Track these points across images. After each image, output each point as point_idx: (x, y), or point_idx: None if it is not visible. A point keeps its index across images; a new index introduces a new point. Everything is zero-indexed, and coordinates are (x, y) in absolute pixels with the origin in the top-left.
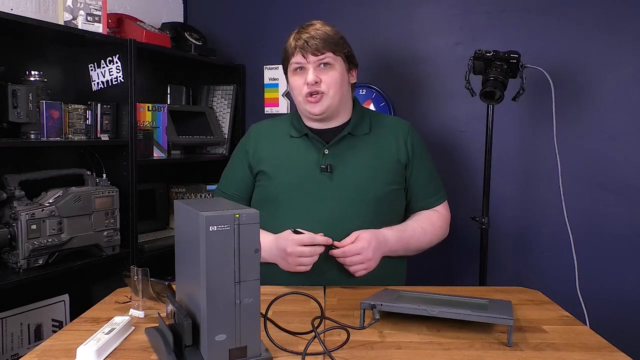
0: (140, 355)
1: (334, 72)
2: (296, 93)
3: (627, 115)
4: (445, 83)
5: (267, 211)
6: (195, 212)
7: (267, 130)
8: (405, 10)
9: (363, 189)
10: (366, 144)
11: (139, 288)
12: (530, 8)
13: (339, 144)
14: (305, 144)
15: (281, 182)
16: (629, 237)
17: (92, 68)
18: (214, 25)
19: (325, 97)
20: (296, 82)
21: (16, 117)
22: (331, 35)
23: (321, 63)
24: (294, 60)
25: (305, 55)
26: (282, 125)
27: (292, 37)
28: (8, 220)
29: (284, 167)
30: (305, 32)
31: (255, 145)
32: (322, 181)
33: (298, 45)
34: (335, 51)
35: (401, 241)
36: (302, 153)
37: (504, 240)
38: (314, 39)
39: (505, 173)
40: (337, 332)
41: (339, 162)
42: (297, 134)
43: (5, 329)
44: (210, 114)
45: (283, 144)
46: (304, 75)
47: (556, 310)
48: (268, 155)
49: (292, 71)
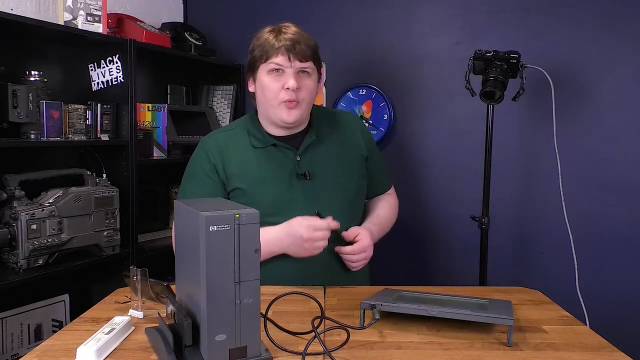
0: (140, 355)
1: (311, 81)
2: (270, 97)
3: (627, 115)
4: (445, 83)
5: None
6: (195, 212)
7: (227, 143)
8: (405, 10)
9: (341, 189)
10: (333, 145)
11: (138, 288)
12: (530, 8)
13: (309, 150)
14: (274, 153)
15: (264, 197)
16: (629, 237)
17: (92, 68)
18: (214, 25)
19: (300, 106)
20: (273, 85)
21: (16, 117)
22: (313, 44)
23: (302, 70)
24: (274, 61)
25: (291, 58)
26: (238, 136)
27: (269, 34)
28: (8, 220)
29: (261, 182)
30: (287, 32)
31: (222, 159)
32: (304, 188)
33: (284, 45)
34: (315, 60)
35: (379, 231)
36: (274, 164)
37: (504, 240)
38: (299, 44)
39: (505, 173)
40: (337, 332)
41: (315, 167)
42: (260, 144)
43: (5, 329)
44: (210, 114)
45: (250, 157)
46: (282, 79)
47: (556, 310)
48: (239, 170)
49: (268, 72)
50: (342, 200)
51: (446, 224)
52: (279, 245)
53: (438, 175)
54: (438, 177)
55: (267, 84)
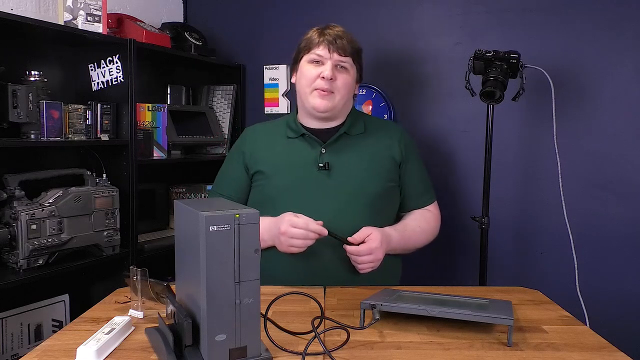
0: (140, 355)
1: (348, 76)
2: (305, 83)
3: (627, 115)
4: (445, 83)
5: (267, 211)
6: (195, 212)
7: (263, 132)
8: (405, 10)
9: (361, 186)
10: (362, 143)
11: (138, 288)
12: (530, 8)
13: (336, 143)
14: (302, 143)
15: (280, 182)
16: (629, 237)
17: (92, 68)
18: (214, 25)
19: (333, 97)
20: (310, 72)
21: (16, 117)
22: (356, 45)
23: (340, 64)
24: (316, 51)
25: (331, 50)
26: (277, 128)
27: (315, 32)
28: (8, 220)
29: (282, 167)
30: (331, 30)
31: (252, 146)
32: (321, 179)
33: (326, 39)
34: (355, 59)
35: (402, 240)
36: (299, 152)
37: (504, 240)
38: (341, 39)
39: (505, 173)
40: (337, 332)
41: (337, 160)
42: (293, 134)
43: (5, 329)
44: (210, 114)
45: (280, 145)
46: (320, 69)
47: (556, 310)
48: (265, 156)
49: (308, 61)
50: (362, 197)
51: (446, 223)
52: (269, 235)
53: (438, 175)
54: (438, 177)
55: (305, 71)
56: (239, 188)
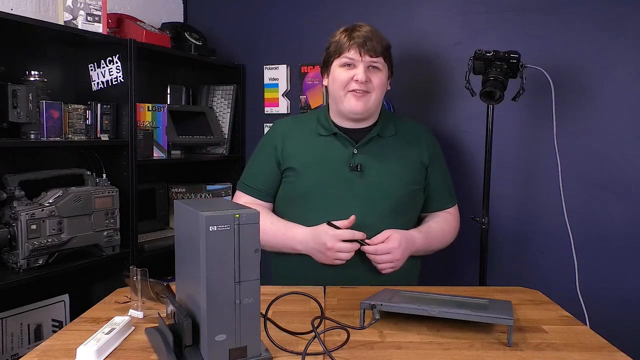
0: (140, 355)
1: (382, 75)
2: (338, 87)
3: (627, 115)
4: (445, 83)
5: (296, 207)
6: (195, 212)
7: (294, 128)
8: (405, 10)
9: (390, 188)
10: (393, 145)
11: (138, 288)
12: (530, 8)
13: (368, 144)
14: (333, 142)
15: (311, 179)
16: (629, 237)
17: (92, 68)
18: (214, 25)
19: (369, 97)
20: (343, 76)
21: (16, 117)
22: (385, 42)
23: (372, 65)
24: (347, 55)
25: (362, 53)
26: (308, 123)
27: (343, 33)
28: (8, 220)
29: (313, 164)
30: (360, 30)
31: (283, 141)
32: (352, 180)
33: (356, 42)
34: (386, 57)
35: (426, 242)
36: (331, 151)
37: (504, 240)
38: (371, 41)
39: (505, 173)
40: (337, 332)
41: (368, 161)
42: (325, 132)
43: (5, 329)
44: (210, 114)
45: (311, 142)
46: (352, 72)
47: (556, 310)
48: (296, 152)
49: (340, 65)
50: (390, 200)
51: None
52: (304, 247)
53: None
54: None
55: (337, 75)
56: (269, 183)
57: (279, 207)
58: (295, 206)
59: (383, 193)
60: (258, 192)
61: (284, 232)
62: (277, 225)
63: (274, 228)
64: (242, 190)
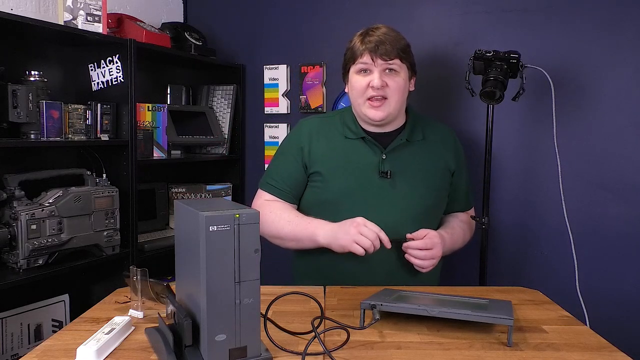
0: (140, 355)
1: (399, 78)
2: (357, 95)
3: (627, 115)
4: (445, 83)
5: (325, 214)
6: (195, 212)
7: (321, 129)
8: (405, 10)
9: (420, 195)
10: (421, 151)
11: (138, 288)
12: (530, 8)
13: (397, 150)
14: (361, 146)
15: (340, 186)
16: (629, 237)
17: (92, 68)
18: (214, 25)
19: (388, 103)
20: (359, 83)
21: (16, 117)
22: (400, 42)
23: (387, 68)
24: (360, 61)
25: (374, 58)
26: (334, 124)
27: (358, 38)
28: (8, 220)
29: (341, 170)
30: (374, 34)
31: (310, 143)
32: (382, 186)
33: (368, 47)
34: (402, 58)
35: (451, 242)
36: (359, 156)
37: (504, 240)
38: (384, 44)
39: (505, 173)
40: (337, 332)
41: (398, 168)
42: (352, 135)
43: (5, 329)
44: (210, 114)
45: (338, 145)
46: (368, 78)
47: (556, 310)
48: (323, 156)
49: (356, 72)
50: (419, 207)
51: None
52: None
53: None
54: None
55: (354, 83)
56: (295, 184)
57: (305, 213)
58: (324, 213)
59: (412, 200)
60: (283, 192)
61: (308, 222)
62: (302, 217)
63: (298, 220)
64: (266, 190)
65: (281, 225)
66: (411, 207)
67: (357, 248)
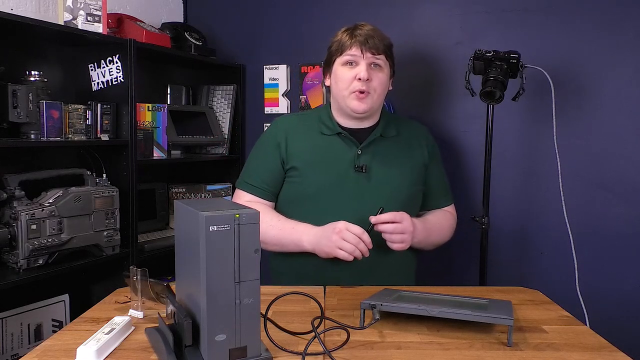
0: (140, 355)
1: (383, 74)
2: (342, 86)
3: (627, 115)
4: (445, 83)
5: (302, 209)
6: (195, 212)
7: (296, 125)
8: (405, 10)
9: (395, 189)
10: (395, 146)
11: (138, 288)
12: (530, 8)
13: (372, 145)
14: (337, 142)
15: (317, 180)
16: (629, 237)
17: (92, 68)
18: (214, 25)
19: (371, 97)
20: (346, 75)
21: (16, 117)
22: (387, 41)
23: (374, 63)
24: (349, 52)
25: (364, 50)
26: (310, 121)
27: (345, 32)
28: (8, 220)
29: (318, 165)
30: (362, 29)
31: (286, 139)
32: (358, 180)
33: (358, 39)
34: (387, 56)
35: (424, 231)
36: (335, 151)
37: (504, 240)
38: (373, 38)
39: (505, 173)
40: (337, 332)
41: (373, 162)
42: (328, 131)
43: (5, 329)
44: (210, 114)
45: (314, 141)
46: (355, 70)
47: (556, 310)
48: (300, 151)
49: (342, 64)
50: (394, 201)
51: None
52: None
53: None
54: None
55: (340, 74)
56: (273, 181)
57: (283, 208)
58: (301, 207)
59: (388, 194)
60: (261, 190)
61: (292, 227)
62: (286, 221)
63: (281, 224)
64: (244, 189)
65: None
66: (387, 200)
67: (341, 254)
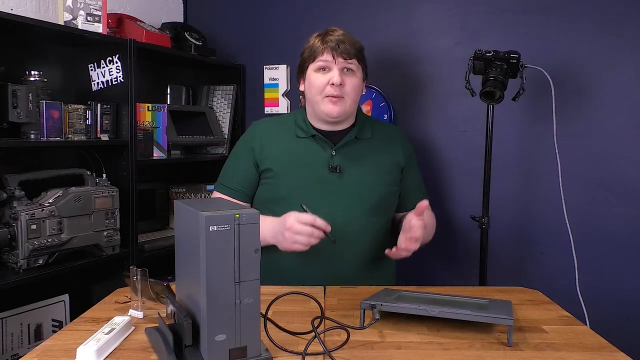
0: (140, 355)
1: (356, 78)
2: (315, 92)
3: (627, 115)
4: (445, 83)
5: (276, 209)
6: (195, 212)
7: (272, 129)
8: (405, 10)
9: (370, 189)
10: (370, 147)
11: (138, 288)
12: (530, 8)
13: (346, 146)
14: (312, 144)
15: (291, 181)
16: (629, 237)
17: (92, 68)
18: (214, 25)
19: (344, 101)
20: (319, 80)
21: (16, 117)
22: (358, 44)
23: (346, 67)
24: (321, 58)
25: (335, 56)
26: (286, 125)
27: (316, 38)
28: (8, 220)
29: (292, 166)
30: (333, 34)
31: (261, 142)
32: (332, 181)
33: (329, 45)
34: (359, 60)
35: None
36: (310, 153)
37: (504, 240)
38: (344, 43)
39: (505, 173)
40: (337, 332)
41: (347, 163)
42: (303, 134)
43: (5, 329)
44: (210, 114)
45: (289, 143)
46: (328, 75)
47: (556, 310)
48: (275, 154)
49: (315, 70)
50: (369, 201)
51: (446, 223)
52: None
53: (438, 175)
54: (438, 177)
55: (313, 80)
56: (248, 183)
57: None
58: (276, 208)
59: (362, 193)
60: (236, 192)
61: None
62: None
63: None
64: (220, 191)
65: None
66: (361, 200)
67: (298, 247)
